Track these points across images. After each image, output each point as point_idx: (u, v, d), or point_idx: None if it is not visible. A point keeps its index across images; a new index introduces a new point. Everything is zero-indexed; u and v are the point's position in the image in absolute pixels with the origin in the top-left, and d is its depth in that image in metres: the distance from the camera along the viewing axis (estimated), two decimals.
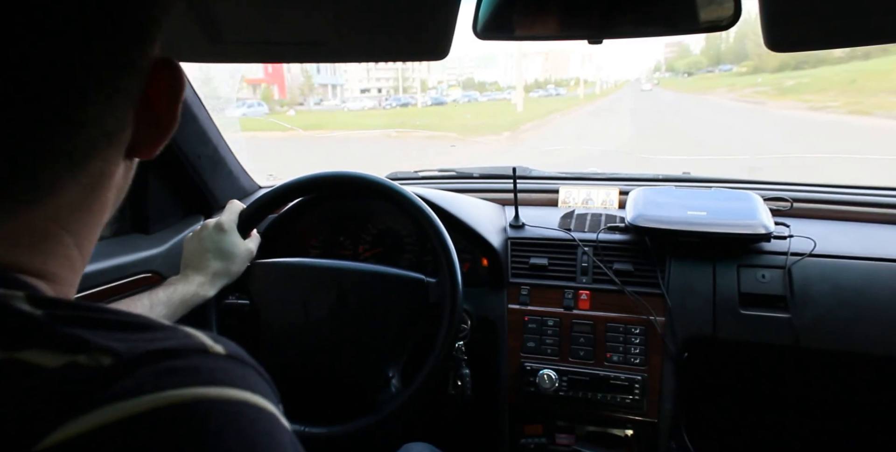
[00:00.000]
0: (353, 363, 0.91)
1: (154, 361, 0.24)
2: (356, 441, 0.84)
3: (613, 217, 1.19)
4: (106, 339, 0.25)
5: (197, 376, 0.25)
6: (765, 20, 0.58)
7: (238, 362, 0.28)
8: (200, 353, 0.26)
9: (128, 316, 0.27)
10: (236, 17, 0.65)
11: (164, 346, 0.25)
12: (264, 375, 0.29)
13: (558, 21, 0.66)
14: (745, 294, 1.01)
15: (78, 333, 0.25)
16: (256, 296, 0.95)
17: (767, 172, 5.58)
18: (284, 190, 0.98)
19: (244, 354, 0.29)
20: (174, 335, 0.27)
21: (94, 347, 0.24)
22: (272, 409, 0.27)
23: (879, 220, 1.17)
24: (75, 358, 0.24)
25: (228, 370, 0.26)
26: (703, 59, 60.60)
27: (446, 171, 1.50)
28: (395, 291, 0.91)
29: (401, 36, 0.68)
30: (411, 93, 40.13)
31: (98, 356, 0.24)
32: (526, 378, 1.05)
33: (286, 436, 0.26)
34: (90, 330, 0.25)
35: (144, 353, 0.24)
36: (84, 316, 0.26)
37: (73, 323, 0.25)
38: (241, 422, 0.24)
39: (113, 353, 0.24)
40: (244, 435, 0.24)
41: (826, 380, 1.16)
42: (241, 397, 0.25)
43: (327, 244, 1.24)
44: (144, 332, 0.26)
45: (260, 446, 0.24)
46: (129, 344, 0.25)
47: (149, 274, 1.09)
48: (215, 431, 0.23)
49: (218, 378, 0.25)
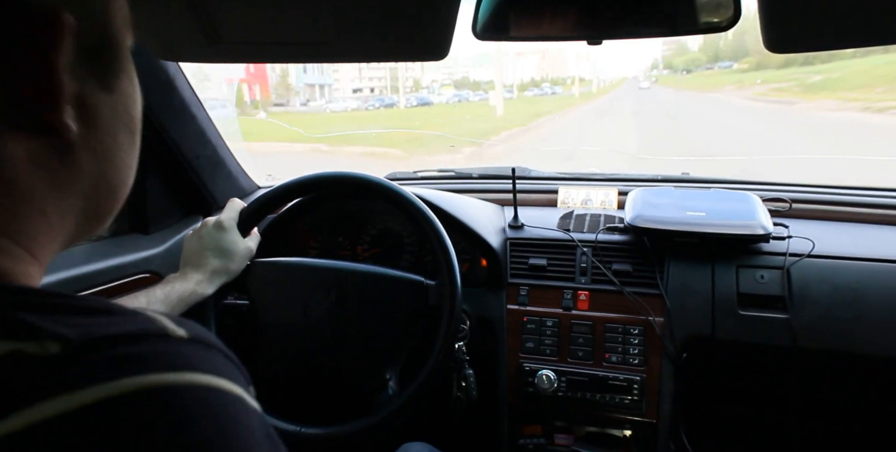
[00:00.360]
0: (351, 364, 0.91)
1: (108, 347, 0.23)
2: (353, 442, 0.84)
3: (612, 217, 1.19)
4: (56, 325, 0.23)
5: (155, 362, 0.23)
6: (764, 21, 0.59)
7: (202, 345, 0.26)
8: (160, 338, 0.25)
9: (85, 301, 0.26)
10: (236, 18, 0.65)
11: (120, 331, 0.24)
12: (232, 357, 0.28)
13: (557, 22, 0.66)
14: (743, 294, 1.01)
15: (29, 319, 0.23)
16: (255, 296, 0.95)
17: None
18: (285, 189, 0.98)
19: (209, 336, 0.28)
20: (134, 319, 0.26)
21: (42, 334, 0.23)
22: (238, 392, 0.26)
23: (878, 221, 1.17)
24: (20, 345, 0.22)
25: (191, 354, 0.25)
26: (702, 56, 59.92)
27: (445, 172, 1.50)
28: (394, 293, 0.91)
29: (400, 36, 0.68)
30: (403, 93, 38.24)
31: (46, 343, 0.22)
32: (525, 378, 1.05)
33: (254, 420, 0.25)
34: (44, 315, 0.24)
35: (98, 338, 0.23)
36: (39, 301, 0.25)
37: (25, 309, 0.24)
38: (204, 409, 0.23)
39: (62, 340, 0.22)
40: (208, 422, 0.23)
41: (824, 381, 1.16)
42: (204, 381, 0.24)
43: (326, 244, 1.24)
44: (101, 316, 0.25)
45: (225, 432, 0.23)
46: (83, 328, 0.23)
47: (147, 275, 1.09)
48: (175, 418, 0.22)
49: (179, 363, 0.24)
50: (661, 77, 52.44)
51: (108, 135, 0.33)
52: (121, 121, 0.34)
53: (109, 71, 0.33)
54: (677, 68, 58.45)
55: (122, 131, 0.34)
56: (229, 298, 0.98)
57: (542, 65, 64.99)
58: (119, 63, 0.33)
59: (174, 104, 1.11)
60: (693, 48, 66.85)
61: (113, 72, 0.33)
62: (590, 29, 0.65)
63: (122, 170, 0.35)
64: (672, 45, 69.47)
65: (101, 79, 0.32)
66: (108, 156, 0.34)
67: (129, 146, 0.35)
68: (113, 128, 0.33)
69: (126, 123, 0.35)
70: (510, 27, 0.68)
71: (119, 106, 0.34)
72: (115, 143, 0.34)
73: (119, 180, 0.35)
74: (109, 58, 0.32)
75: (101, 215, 0.36)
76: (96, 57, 0.31)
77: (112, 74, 0.33)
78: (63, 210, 0.32)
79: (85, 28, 0.30)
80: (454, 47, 0.69)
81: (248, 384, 0.27)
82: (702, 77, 43.01)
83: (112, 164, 0.34)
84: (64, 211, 0.32)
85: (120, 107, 0.34)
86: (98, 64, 0.32)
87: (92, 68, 0.31)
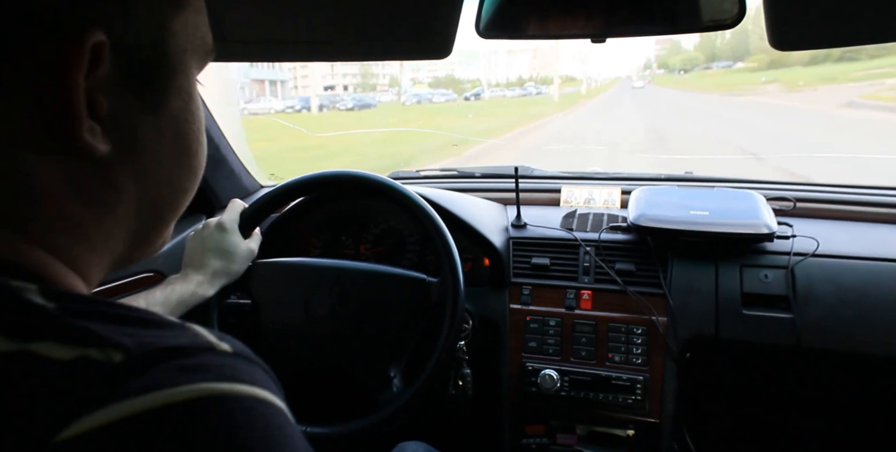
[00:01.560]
0: (354, 362, 0.91)
1: (165, 358, 0.25)
2: (357, 440, 0.84)
3: (615, 216, 1.19)
4: (117, 334, 0.25)
5: (207, 373, 0.25)
6: (769, 18, 0.58)
7: (244, 359, 0.28)
8: (208, 351, 0.26)
9: (138, 312, 0.27)
10: (240, 17, 0.65)
11: (173, 344, 0.25)
12: (269, 372, 0.29)
13: (561, 20, 0.66)
14: (747, 294, 1.01)
15: (89, 326, 0.25)
16: (258, 296, 0.95)
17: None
18: (287, 189, 0.98)
19: (249, 352, 0.29)
20: (183, 333, 0.27)
21: (105, 342, 0.24)
22: (279, 404, 0.27)
23: (883, 220, 1.16)
24: (87, 351, 0.24)
25: (236, 367, 0.26)
26: (699, 55, 58.04)
27: (448, 171, 1.50)
28: (396, 291, 0.90)
29: (404, 35, 0.68)
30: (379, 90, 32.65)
31: (109, 351, 0.24)
32: (527, 378, 1.05)
33: (296, 430, 0.27)
34: (101, 324, 0.25)
35: (155, 350, 0.25)
36: (95, 310, 0.26)
37: (84, 317, 0.25)
38: (252, 417, 0.24)
39: (124, 349, 0.24)
40: (257, 430, 0.24)
41: (828, 381, 1.15)
42: (250, 392, 0.25)
43: (329, 243, 1.24)
44: (153, 329, 0.27)
45: (273, 439, 0.25)
46: (140, 339, 0.25)
47: (150, 274, 1.09)
48: (229, 426, 0.23)
49: (227, 375, 0.25)
50: (656, 77, 50.30)
51: (150, 157, 0.32)
52: (167, 144, 0.33)
53: (157, 92, 0.32)
54: (674, 68, 56.43)
55: (167, 154, 0.33)
56: (231, 298, 0.98)
57: (533, 63, 63.19)
58: (172, 86, 0.32)
59: None
60: (688, 47, 64.55)
61: (162, 93, 0.32)
62: (593, 27, 0.65)
63: (171, 194, 0.35)
64: (665, 45, 67.46)
65: (146, 99, 0.31)
66: (153, 179, 0.33)
67: (179, 169, 0.34)
68: (156, 151, 0.32)
69: (175, 146, 0.34)
70: (514, 25, 0.68)
71: (165, 128, 0.33)
72: (160, 166, 0.33)
73: (168, 204, 0.35)
74: (160, 78, 0.31)
75: (150, 238, 0.36)
76: (142, 76, 0.31)
77: (159, 95, 0.32)
78: (106, 230, 0.32)
79: (130, 47, 0.29)
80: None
81: (284, 398, 0.28)
82: (703, 77, 39.58)
83: (157, 186, 0.33)
84: (107, 231, 0.32)
85: (166, 129, 0.33)
86: (144, 83, 0.31)
87: (135, 88, 0.30)
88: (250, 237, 0.94)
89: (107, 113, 0.29)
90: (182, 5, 0.32)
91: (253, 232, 0.95)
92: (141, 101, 0.31)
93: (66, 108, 0.27)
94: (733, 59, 47.67)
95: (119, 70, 0.29)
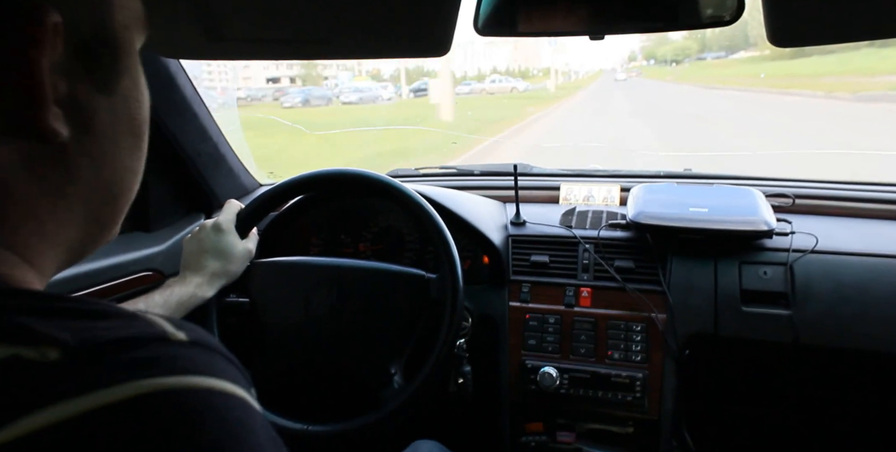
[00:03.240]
0: (355, 360, 0.91)
1: (108, 352, 0.23)
2: (359, 438, 0.84)
3: (615, 214, 1.19)
4: (55, 329, 0.23)
5: (156, 366, 0.23)
6: (768, 14, 0.58)
7: (202, 348, 0.26)
8: (161, 341, 0.25)
9: (86, 304, 0.26)
10: (238, 15, 0.65)
11: (120, 335, 0.24)
12: (233, 360, 0.28)
13: (560, 16, 0.66)
14: (746, 291, 1.01)
15: (25, 322, 0.23)
16: (257, 296, 0.95)
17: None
18: (284, 188, 0.98)
19: (209, 339, 0.27)
20: (133, 323, 0.25)
21: (39, 338, 0.22)
22: (241, 394, 0.25)
23: (882, 216, 1.16)
24: (18, 350, 0.22)
25: (192, 357, 0.25)
26: (693, 44, 53.58)
27: (447, 168, 1.50)
28: (395, 288, 0.90)
29: (402, 33, 0.68)
30: (323, 85, 24.63)
31: (44, 348, 0.22)
32: (527, 375, 1.05)
33: (257, 421, 0.25)
34: (39, 319, 0.23)
35: (97, 344, 0.23)
36: (37, 304, 0.24)
37: (22, 312, 0.23)
38: (206, 411, 0.23)
39: (61, 345, 0.22)
40: (213, 425, 0.23)
41: (828, 378, 1.15)
42: (206, 384, 0.24)
43: (328, 242, 1.24)
44: (101, 321, 0.25)
45: (231, 434, 0.23)
46: (82, 333, 0.23)
47: (149, 273, 1.09)
48: (180, 424, 0.22)
49: (180, 367, 0.24)
50: (645, 69, 47.06)
51: (107, 139, 0.32)
52: (122, 125, 0.33)
53: (108, 72, 0.31)
54: (664, 59, 52.63)
55: (123, 135, 0.33)
56: (231, 297, 0.98)
57: (514, 55, 60.50)
58: (119, 63, 0.32)
59: (175, 101, 1.11)
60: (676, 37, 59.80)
61: (112, 72, 0.31)
62: (593, 23, 0.65)
63: (123, 176, 0.34)
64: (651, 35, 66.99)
65: (99, 80, 0.30)
66: (109, 162, 0.32)
67: (132, 151, 0.34)
68: (113, 132, 0.32)
69: (129, 127, 0.33)
70: (512, 22, 0.67)
71: (120, 108, 0.32)
72: (115, 148, 0.32)
73: (121, 186, 0.34)
74: (108, 58, 0.31)
75: (104, 223, 0.34)
76: (93, 57, 0.30)
77: (111, 75, 0.31)
78: (61, 217, 0.31)
79: (79, 25, 0.29)
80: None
81: (250, 386, 0.27)
82: (703, 68, 34.79)
83: (113, 170, 0.33)
84: (62, 218, 0.31)
85: (121, 109, 0.32)
86: (95, 64, 0.30)
87: (88, 69, 0.30)
88: (248, 237, 0.94)
89: (64, 96, 0.28)
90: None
91: (250, 233, 0.95)
92: (94, 82, 0.30)
93: (31, 93, 0.26)
94: (729, 49, 44.06)
95: (71, 51, 0.28)
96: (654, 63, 53.63)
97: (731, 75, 24.71)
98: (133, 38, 0.33)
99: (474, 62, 54.37)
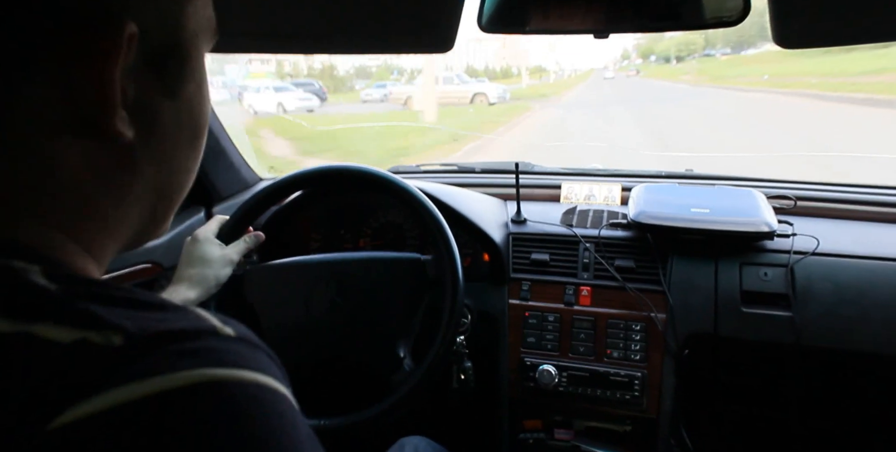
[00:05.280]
0: (363, 349, 0.90)
1: (166, 342, 0.24)
2: (377, 424, 0.83)
3: (616, 213, 1.19)
4: (118, 317, 0.24)
5: (209, 357, 0.24)
6: (774, 15, 0.58)
7: (248, 344, 0.27)
8: (211, 335, 0.26)
9: (142, 295, 0.27)
10: (241, 9, 0.64)
11: (175, 327, 0.25)
12: (274, 357, 0.29)
13: (564, 14, 0.66)
14: (746, 291, 1.01)
15: (91, 309, 0.24)
16: (256, 301, 0.94)
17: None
18: (285, 183, 0.98)
19: (253, 336, 0.29)
20: (185, 316, 0.27)
21: (106, 324, 0.24)
22: (283, 390, 0.27)
23: (883, 219, 1.16)
24: (87, 334, 0.23)
25: (240, 352, 0.26)
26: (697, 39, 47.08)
27: (448, 165, 1.50)
28: (393, 273, 0.91)
29: (407, 28, 0.68)
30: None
31: (110, 334, 0.23)
32: (526, 373, 1.05)
33: (298, 416, 0.26)
34: (104, 306, 0.25)
35: (156, 333, 0.24)
36: (98, 292, 0.26)
37: (87, 299, 0.25)
38: (254, 403, 0.24)
39: (124, 332, 0.24)
40: (259, 416, 0.24)
41: (827, 379, 1.16)
42: (252, 378, 0.25)
43: (328, 237, 1.24)
44: (156, 312, 0.26)
45: (275, 426, 0.24)
46: (141, 322, 0.25)
47: (149, 265, 1.09)
48: (229, 412, 0.23)
49: (230, 360, 0.25)
50: (646, 67, 42.30)
51: (168, 140, 0.33)
52: (183, 127, 0.34)
53: (175, 77, 0.33)
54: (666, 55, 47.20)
55: (183, 137, 0.35)
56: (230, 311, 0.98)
57: (502, 53, 58.01)
58: (187, 69, 0.33)
59: None
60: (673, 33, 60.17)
61: (179, 78, 0.33)
62: (596, 22, 0.64)
63: (180, 175, 0.36)
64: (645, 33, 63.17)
65: (166, 84, 0.32)
66: (168, 161, 0.34)
67: (189, 151, 0.36)
68: (173, 134, 0.34)
69: (189, 130, 0.35)
70: (515, 20, 0.67)
71: (182, 112, 0.34)
72: (175, 149, 0.34)
73: (177, 185, 0.36)
74: (176, 64, 0.32)
75: (159, 219, 0.36)
76: (162, 63, 0.31)
77: (178, 80, 0.33)
78: (122, 213, 0.33)
79: (152, 34, 0.30)
80: None
81: (289, 383, 0.28)
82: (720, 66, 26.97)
83: (171, 169, 0.35)
84: (122, 213, 0.33)
85: (183, 113, 0.34)
86: (163, 70, 0.31)
87: (156, 74, 0.31)
88: (234, 243, 0.93)
89: (132, 99, 0.30)
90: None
91: (240, 240, 0.94)
92: (161, 87, 0.32)
93: (101, 98, 0.28)
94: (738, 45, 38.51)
95: (142, 57, 0.30)
96: (656, 60, 50.05)
97: (788, 74, 17.11)
98: (202, 44, 0.34)
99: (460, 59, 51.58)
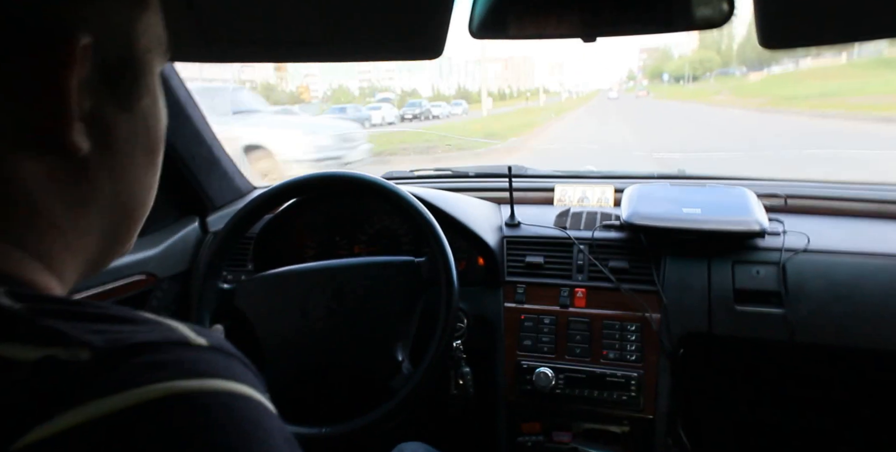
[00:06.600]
0: (361, 355, 0.90)
1: (134, 355, 0.24)
2: (377, 431, 0.83)
3: (609, 215, 1.19)
4: (85, 332, 0.24)
5: (179, 369, 0.24)
6: (759, 17, 0.58)
7: (221, 353, 0.27)
8: (182, 346, 0.26)
9: (109, 309, 0.27)
10: (230, 17, 0.64)
11: (145, 339, 0.25)
12: (249, 365, 0.29)
13: (553, 19, 0.66)
14: (739, 290, 1.02)
15: (56, 326, 0.24)
16: (251, 312, 0.94)
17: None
18: (278, 191, 0.98)
19: (227, 345, 0.29)
20: (156, 328, 0.27)
21: (71, 340, 0.23)
22: (258, 397, 0.27)
23: (873, 215, 1.17)
24: (53, 351, 0.23)
25: (211, 361, 0.26)
26: (714, 56, 43.88)
27: (442, 170, 1.50)
28: (387, 277, 0.91)
29: (397, 35, 0.68)
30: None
31: (76, 350, 0.23)
32: (522, 376, 1.05)
33: (275, 424, 0.26)
34: (70, 322, 0.24)
35: (124, 347, 0.24)
36: (64, 309, 0.26)
37: (52, 316, 0.25)
38: (227, 413, 0.24)
39: (91, 347, 0.23)
40: (233, 426, 0.24)
41: (821, 376, 1.16)
42: (226, 387, 0.25)
43: (324, 244, 1.24)
44: (126, 325, 0.26)
45: (249, 435, 0.24)
46: (109, 336, 0.24)
47: (143, 277, 1.08)
48: (202, 424, 0.23)
49: (201, 370, 0.25)
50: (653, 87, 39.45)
51: (124, 154, 0.33)
52: (139, 141, 0.34)
53: (130, 91, 0.33)
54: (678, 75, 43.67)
55: (139, 151, 0.35)
56: (226, 324, 0.98)
57: (504, 74, 53.59)
58: (142, 83, 0.33)
59: (169, 104, 1.10)
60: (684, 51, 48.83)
61: (134, 91, 0.33)
62: (586, 26, 0.65)
63: (139, 190, 0.36)
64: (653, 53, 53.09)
65: (121, 98, 0.32)
66: (125, 176, 0.34)
67: (147, 166, 0.36)
68: (130, 148, 0.34)
69: (145, 143, 0.35)
70: (505, 25, 0.68)
71: (138, 126, 0.34)
72: (132, 163, 0.34)
73: (136, 200, 0.36)
74: (130, 78, 0.33)
75: (121, 235, 0.36)
76: (116, 76, 0.31)
77: (132, 95, 0.33)
78: (81, 228, 0.32)
79: (105, 46, 0.30)
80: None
81: (266, 390, 0.28)
82: (780, 83, 22.01)
83: (128, 184, 0.34)
84: (82, 229, 0.32)
85: (139, 127, 0.34)
86: (118, 83, 0.32)
87: (111, 87, 0.31)
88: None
89: (88, 112, 0.30)
90: (145, 6, 0.33)
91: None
92: (116, 101, 0.32)
93: (58, 110, 0.28)
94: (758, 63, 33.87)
95: (96, 70, 0.30)
96: (668, 80, 45.96)
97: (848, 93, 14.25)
98: (155, 60, 0.34)
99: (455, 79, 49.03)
